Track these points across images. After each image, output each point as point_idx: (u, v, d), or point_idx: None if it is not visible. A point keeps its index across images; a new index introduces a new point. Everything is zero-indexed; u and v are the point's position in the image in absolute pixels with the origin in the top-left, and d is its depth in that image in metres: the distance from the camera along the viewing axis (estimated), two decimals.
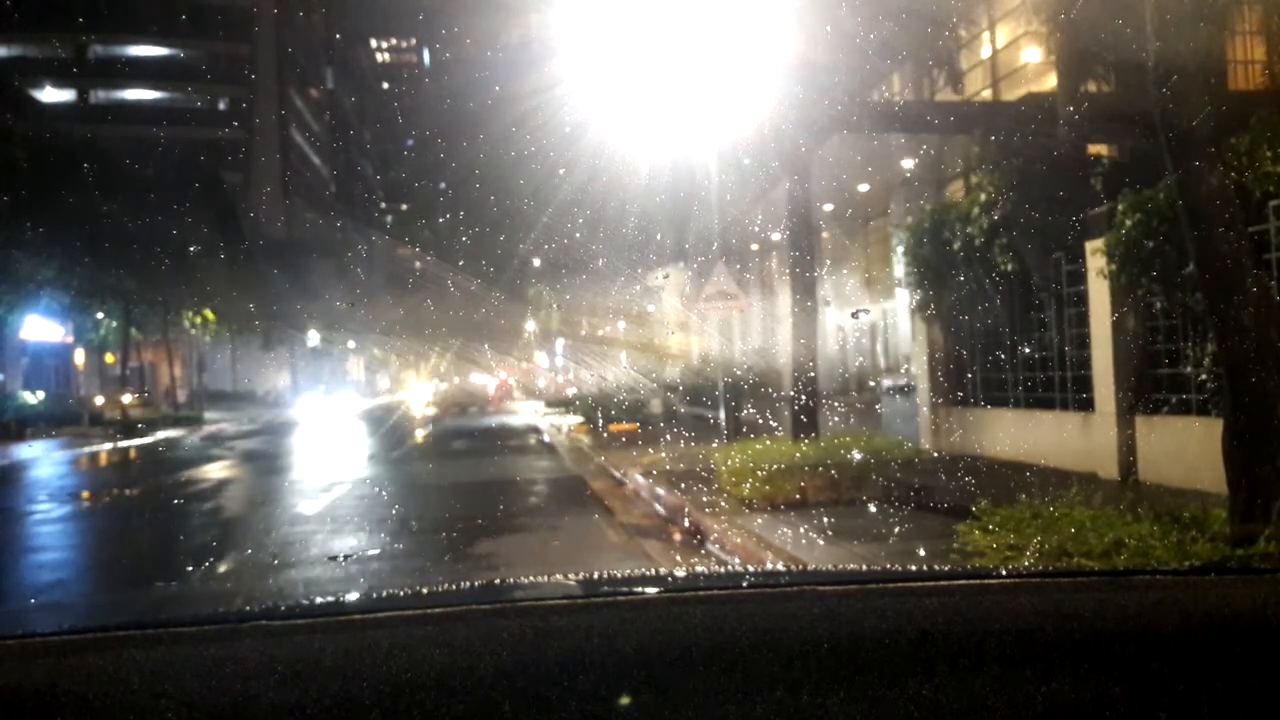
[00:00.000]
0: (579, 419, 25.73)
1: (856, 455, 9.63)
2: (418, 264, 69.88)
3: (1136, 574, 1.91)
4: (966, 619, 1.43)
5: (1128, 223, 8.73)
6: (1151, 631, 1.43)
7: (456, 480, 13.04)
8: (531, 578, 1.91)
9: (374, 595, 1.97)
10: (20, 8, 42.22)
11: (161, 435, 27.38)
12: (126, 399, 32.92)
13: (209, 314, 38.35)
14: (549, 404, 36.73)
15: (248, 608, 1.82)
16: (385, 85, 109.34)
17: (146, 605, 4.39)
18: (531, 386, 56.05)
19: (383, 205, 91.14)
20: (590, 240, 31.67)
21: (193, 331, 40.38)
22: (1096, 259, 9.30)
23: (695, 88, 12.49)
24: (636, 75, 14.78)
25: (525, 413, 34.79)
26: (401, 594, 1.86)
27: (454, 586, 2.02)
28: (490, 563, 7.14)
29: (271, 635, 1.47)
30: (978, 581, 1.72)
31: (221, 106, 55.07)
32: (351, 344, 61.30)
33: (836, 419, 15.38)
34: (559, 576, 1.83)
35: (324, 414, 37.21)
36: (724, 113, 11.56)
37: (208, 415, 35.28)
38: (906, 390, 13.24)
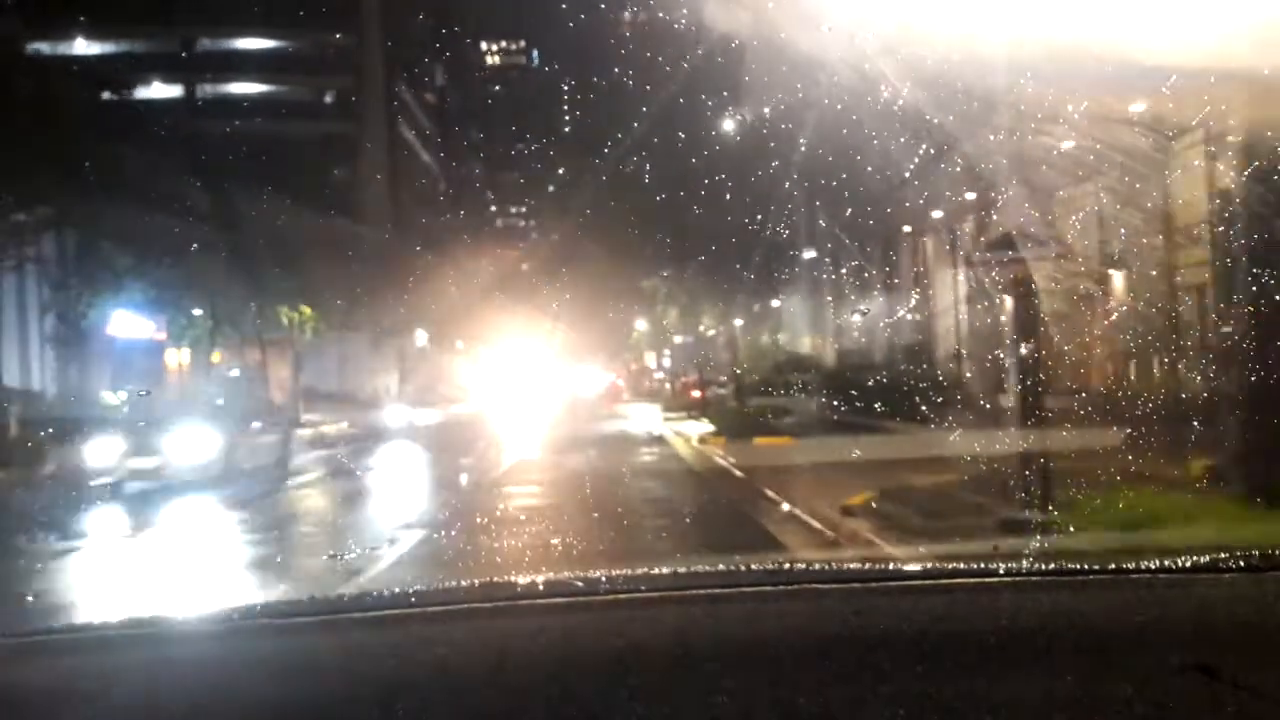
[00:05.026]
0: (709, 428, 21.82)
1: None
2: (524, 264, 67.84)
3: (1136, 574, 1.80)
4: (967, 618, 1.43)
5: None
6: (1151, 631, 1.40)
7: (571, 518, 9.31)
8: (530, 577, 1.87)
9: (373, 594, 2.03)
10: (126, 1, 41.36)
11: None
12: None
13: (306, 310, 36.52)
14: (668, 408, 32.92)
15: (248, 606, 1.71)
16: (496, 87, 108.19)
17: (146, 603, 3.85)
18: (643, 388, 53.00)
19: (492, 206, 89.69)
20: (724, 222, 27.76)
21: (294, 330, 38.71)
22: None
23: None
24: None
25: (641, 418, 30.94)
26: (400, 593, 1.80)
27: (454, 585, 1.93)
28: None
29: (271, 633, 1.48)
30: (978, 581, 1.69)
31: (328, 100, 53.74)
32: (460, 344, 59.91)
33: (1092, 428, 10.81)
34: (560, 575, 1.76)
35: (429, 416, 34.66)
36: None
37: (305, 418, 33.21)
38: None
